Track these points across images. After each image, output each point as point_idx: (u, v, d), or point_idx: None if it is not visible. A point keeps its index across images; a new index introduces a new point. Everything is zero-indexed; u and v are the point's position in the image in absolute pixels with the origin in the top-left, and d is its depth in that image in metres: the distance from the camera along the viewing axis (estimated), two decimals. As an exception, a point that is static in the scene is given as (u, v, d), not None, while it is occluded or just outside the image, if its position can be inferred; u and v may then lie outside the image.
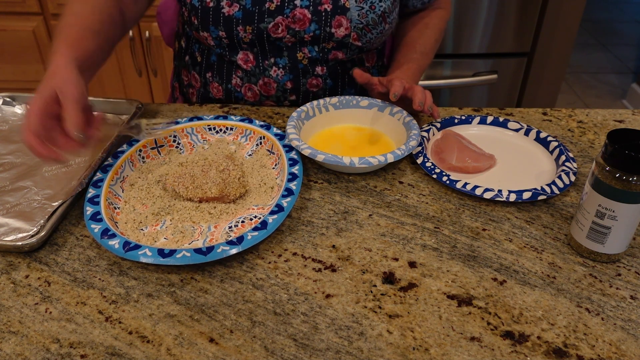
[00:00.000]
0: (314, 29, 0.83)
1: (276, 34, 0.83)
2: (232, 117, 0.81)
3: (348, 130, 0.83)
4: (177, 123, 0.79)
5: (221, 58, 0.90)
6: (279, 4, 0.81)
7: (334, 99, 0.83)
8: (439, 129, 0.82)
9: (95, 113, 0.66)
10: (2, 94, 0.87)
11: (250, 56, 0.87)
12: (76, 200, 0.68)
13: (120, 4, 0.81)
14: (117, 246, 0.58)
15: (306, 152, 0.70)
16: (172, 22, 1.09)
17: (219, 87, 0.92)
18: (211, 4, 0.82)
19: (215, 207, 0.67)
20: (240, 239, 0.59)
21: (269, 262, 0.60)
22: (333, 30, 0.83)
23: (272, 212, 0.62)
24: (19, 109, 0.86)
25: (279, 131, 0.78)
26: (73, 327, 0.53)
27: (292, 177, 0.68)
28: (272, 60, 0.86)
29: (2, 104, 0.86)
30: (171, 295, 0.57)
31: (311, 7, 0.82)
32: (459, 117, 0.84)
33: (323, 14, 0.82)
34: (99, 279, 0.58)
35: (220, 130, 0.80)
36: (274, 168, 0.74)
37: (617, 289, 0.58)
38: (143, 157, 0.75)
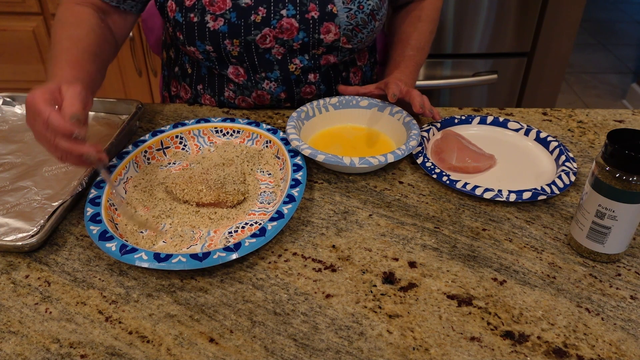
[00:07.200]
0: (302, 36, 0.81)
1: (264, 45, 0.81)
2: (240, 120, 0.80)
3: (348, 130, 0.83)
4: (184, 125, 0.78)
5: (212, 71, 0.88)
6: (264, 15, 0.79)
7: (334, 99, 0.83)
8: (439, 129, 0.82)
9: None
10: (2, 94, 0.87)
11: (241, 70, 0.85)
12: (76, 200, 0.68)
13: (110, 24, 0.81)
14: (114, 249, 0.58)
15: (306, 152, 0.70)
16: (158, 30, 1.07)
17: (212, 99, 0.91)
18: (195, 19, 0.79)
19: (215, 212, 0.67)
20: (237, 246, 0.58)
21: (269, 262, 0.60)
22: (322, 36, 0.81)
23: (272, 219, 0.62)
24: (19, 109, 0.86)
25: (285, 136, 0.77)
26: (73, 327, 0.53)
27: (295, 183, 0.67)
28: (264, 74, 0.85)
29: (2, 104, 0.86)
30: (171, 295, 0.57)
31: (298, 16, 0.79)
32: (459, 117, 0.84)
33: (310, 21, 0.80)
34: (99, 279, 0.58)
35: (227, 132, 0.80)
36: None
37: (617, 289, 0.58)
38: (148, 159, 0.75)
